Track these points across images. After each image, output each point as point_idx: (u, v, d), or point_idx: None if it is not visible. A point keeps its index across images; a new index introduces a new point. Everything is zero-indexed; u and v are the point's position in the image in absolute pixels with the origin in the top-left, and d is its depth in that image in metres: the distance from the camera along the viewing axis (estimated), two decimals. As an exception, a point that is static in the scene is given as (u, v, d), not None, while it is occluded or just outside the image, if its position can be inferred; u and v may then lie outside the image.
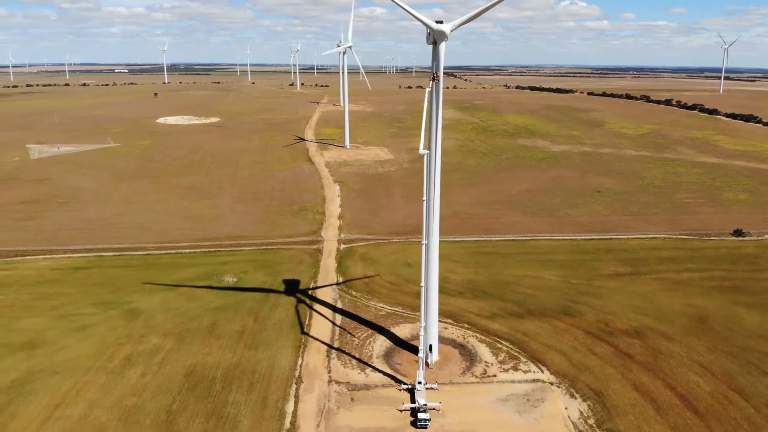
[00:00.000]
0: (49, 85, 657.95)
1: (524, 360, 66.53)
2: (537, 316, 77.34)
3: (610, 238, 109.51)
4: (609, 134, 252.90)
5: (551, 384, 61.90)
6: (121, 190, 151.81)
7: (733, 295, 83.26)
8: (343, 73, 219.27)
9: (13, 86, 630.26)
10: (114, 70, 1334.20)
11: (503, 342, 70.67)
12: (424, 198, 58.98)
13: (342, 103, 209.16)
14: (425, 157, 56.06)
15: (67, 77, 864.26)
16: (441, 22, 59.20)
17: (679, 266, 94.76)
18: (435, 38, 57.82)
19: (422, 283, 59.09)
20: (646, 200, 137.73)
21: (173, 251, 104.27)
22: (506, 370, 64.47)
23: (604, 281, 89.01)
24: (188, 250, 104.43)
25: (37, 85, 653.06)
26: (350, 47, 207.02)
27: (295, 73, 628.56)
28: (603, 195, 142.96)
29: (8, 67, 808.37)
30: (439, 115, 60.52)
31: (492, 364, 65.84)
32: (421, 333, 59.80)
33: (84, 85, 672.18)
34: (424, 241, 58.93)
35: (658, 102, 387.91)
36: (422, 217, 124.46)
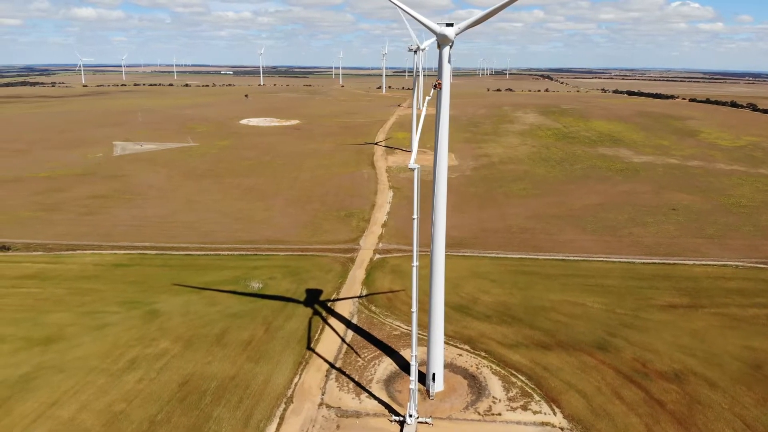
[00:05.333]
0: (155, 84, 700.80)
1: (537, 399, 60.04)
2: (565, 348, 70.12)
3: (673, 264, 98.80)
4: (702, 145, 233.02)
5: (561, 429, 55.22)
6: (186, 189, 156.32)
7: (805, 340, 71.83)
8: (416, 75, 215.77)
9: (121, 85, 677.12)
10: (220, 71, 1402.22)
11: (519, 376, 64.36)
12: (414, 216, 53.98)
13: (414, 107, 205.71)
14: (415, 172, 51.31)
15: (175, 77, 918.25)
16: (451, 25, 54.38)
17: (746, 300, 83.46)
18: (439, 42, 53.09)
19: (413, 309, 54.34)
20: (726, 221, 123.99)
21: (212, 252, 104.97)
22: (514, 409, 58.35)
23: (654, 313, 79.77)
24: (226, 252, 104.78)
25: (144, 84, 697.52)
26: (421, 49, 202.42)
27: (382, 76, 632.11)
28: (678, 213, 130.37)
29: (120, 66, 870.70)
30: (443, 127, 55.64)
31: (500, 400, 59.91)
32: (413, 363, 55.07)
33: (186, 85, 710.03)
34: (414, 263, 53.99)
35: (766, 111, 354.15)
36: (467, 229, 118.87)
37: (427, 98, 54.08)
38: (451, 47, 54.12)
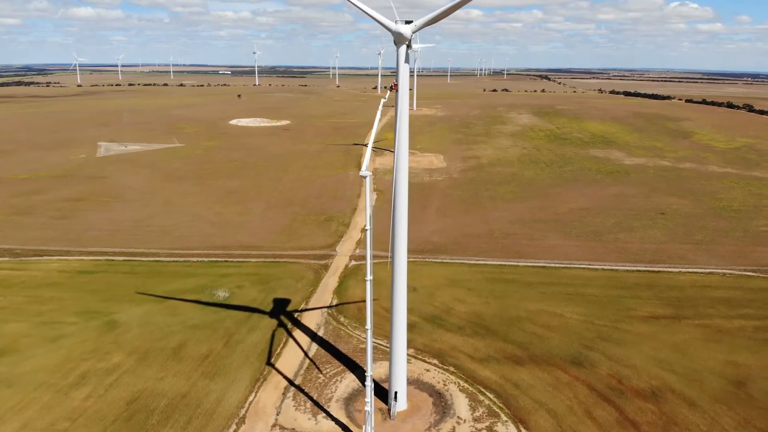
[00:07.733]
0: (150, 84, 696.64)
1: (505, 419, 56.63)
2: (538, 363, 66.71)
3: (658, 271, 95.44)
4: (695, 147, 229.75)
5: (527, 453, 51.89)
6: (165, 191, 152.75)
7: (791, 354, 68.47)
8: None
9: (116, 85, 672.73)
10: (218, 71, 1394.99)
11: (488, 393, 60.94)
12: (367, 228, 50.68)
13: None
14: (366, 180, 47.97)
15: (171, 77, 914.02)
16: (411, 22, 50.99)
17: (732, 311, 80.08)
18: (395, 40, 49.73)
19: (367, 326, 50.82)
20: (716, 226, 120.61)
21: (182, 259, 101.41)
22: (479, 430, 54.97)
23: (635, 324, 76.39)
24: (196, 259, 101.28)
25: (139, 84, 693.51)
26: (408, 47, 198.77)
27: (377, 76, 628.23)
28: (667, 218, 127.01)
29: (116, 66, 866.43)
30: (403, 131, 52.28)
31: (465, 420, 56.50)
32: (368, 383, 51.50)
33: (181, 85, 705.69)
34: (368, 277, 50.58)
35: (762, 112, 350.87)
36: (449, 234, 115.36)
37: (383, 100, 50.63)
38: (408, 46, 50.85)
